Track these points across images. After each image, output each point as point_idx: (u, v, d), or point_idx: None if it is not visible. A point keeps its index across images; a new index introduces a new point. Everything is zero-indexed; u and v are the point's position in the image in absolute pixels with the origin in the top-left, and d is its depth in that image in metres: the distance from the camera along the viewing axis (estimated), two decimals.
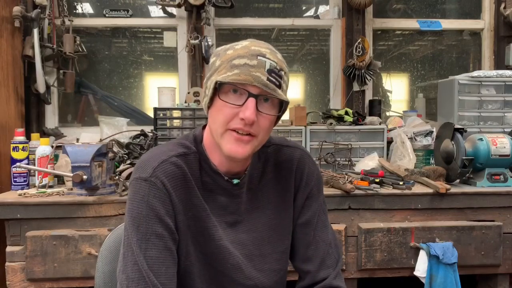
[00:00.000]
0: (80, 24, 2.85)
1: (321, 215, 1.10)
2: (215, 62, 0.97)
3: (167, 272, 0.93)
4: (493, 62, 3.06)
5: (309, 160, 1.12)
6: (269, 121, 0.96)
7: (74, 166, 1.83)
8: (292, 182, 1.09)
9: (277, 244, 1.08)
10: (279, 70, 0.94)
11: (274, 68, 0.93)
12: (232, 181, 1.02)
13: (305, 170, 1.10)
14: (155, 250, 0.92)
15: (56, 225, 1.90)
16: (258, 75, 0.91)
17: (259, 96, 0.92)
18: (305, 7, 3.20)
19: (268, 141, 1.08)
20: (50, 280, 1.88)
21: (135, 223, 0.92)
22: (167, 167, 0.96)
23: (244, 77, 0.90)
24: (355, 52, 2.84)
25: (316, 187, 1.11)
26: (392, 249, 1.99)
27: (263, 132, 0.96)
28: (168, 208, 0.95)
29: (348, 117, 2.58)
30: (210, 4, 2.70)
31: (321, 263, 1.07)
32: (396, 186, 2.08)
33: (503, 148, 2.14)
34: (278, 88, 0.93)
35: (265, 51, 0.94)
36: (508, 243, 2.07)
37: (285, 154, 1.10)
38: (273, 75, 0.93)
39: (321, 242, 1.08)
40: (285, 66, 0.97)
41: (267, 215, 1.07)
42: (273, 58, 0.94)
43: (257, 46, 0.95)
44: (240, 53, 0.93)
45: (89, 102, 2.97)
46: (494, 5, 3.05)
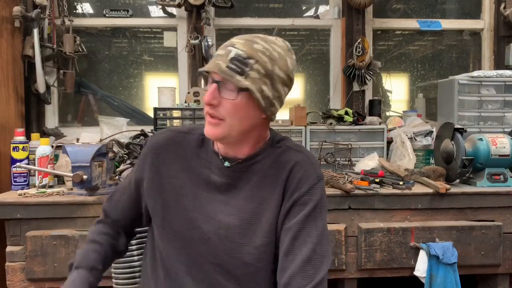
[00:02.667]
0: (80, 24, 2.85)
1: (307, 227, 1.03)
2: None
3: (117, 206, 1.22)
4: (493, 62, 3.06)
5: (310, 167, 1.08)
6: (231, 105, 1.01)
7: (74, 166, 1.83)
8: (282, 182, 1.06)
9: (252, 237, 1.05)
10: (244, 58, 0.99)
11: (238, 56, 0.99)
12: (225, 163, 1.09)
13: (299, 174, 1.07)
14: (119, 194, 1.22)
15: (56, 225, 1.90)
16: (219, 63, 0.99)
17: (221, 82, 1.00)
18: (305, 7, 3.20)
19: (282, 143, 1.13)
20: (50, 280, 1.88)
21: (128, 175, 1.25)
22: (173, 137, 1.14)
23: (209, 66, 1.01)
24: (355, 52, 2.84)
25: (308, 196, 1.05)
26: (392, 249, 1.99)
27: (230, 116, 1.01)
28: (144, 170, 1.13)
29: (348, 117, 2.58)
30: (210, 4, 2.70)
31: (291, 277, 0.99)
32: (396, 186, 2.08)
33: (503, 148, 2.14)
34: (239, 75, 0.99)
35: (238, 41, 1.02)
36: (508, 243, 2.07)
37: (288, 155, 1.10)
38: (235, 62, 0.99)
39: (299, 255, 1.00)
40: (258, 55, 1.00)
41: (250, 207, 1.07)
42: (242, 48, 1.00)
43: (237, 38, 1.04)
44: (222, 45, 1.04)
45: (89, 102, 2.97)
46: (494, 5, 3.05)
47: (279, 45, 1.06)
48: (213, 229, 1.06)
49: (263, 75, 1.00)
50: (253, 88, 0.99)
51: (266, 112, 1.04)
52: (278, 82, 1.03)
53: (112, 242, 1.20)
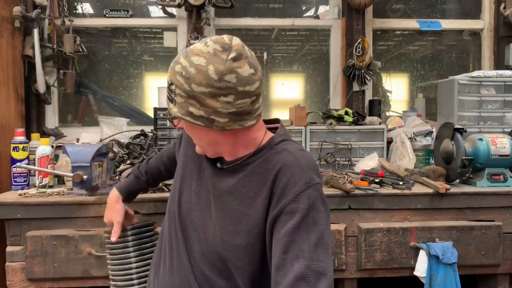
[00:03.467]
0: (80, 24, 2.85)
1: (298, 241, 0.93)
2: None
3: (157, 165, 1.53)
4: (493, 62, 3.06)
5: (298, 171, 0.98)
6: (191, 131, 1.05)
7: (74, 166, 1.83)
8: (269, 184, 1.00)
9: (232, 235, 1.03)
10: (169, 85, 0.98)
11: (167, 84, 1.00)
12: (217, 164, 1.12)
13: (285, 178, 0.98)
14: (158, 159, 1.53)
15: (56, 225, 1.90)
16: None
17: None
18: (305, 7, 3.20)
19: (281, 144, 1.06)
20: (50, 280, 1.88)
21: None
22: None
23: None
24: (355, 52, 2.84)
25: (295, 204, 0.95)
26: (392, 249, 1.99)
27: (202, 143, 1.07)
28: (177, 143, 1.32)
29: (348, 117, 2.58)
30: (210, 4, 2.70)
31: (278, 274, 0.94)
32: (396, 186, 2.08)
33: (503, 148, 2.14)
34: (171, 102, 0.99)
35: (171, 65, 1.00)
36: (508, 243, 2.07)
37: (278, 157, 1.02)
38: (168, 90, 1.00)
39: (291, 271, 0.91)
40: (176, 78, 0.95)
41: (233, 203, 1.05)
42: (168, 73, 0.98)
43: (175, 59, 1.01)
44: None
45: (89, 102, 2.97)
46: (494, 5, 3.05)
47: (204, 53, 0.94)
48: (204, 217, 1.10)
49: (185, 97, 0.95)
50: (179, 114, 0.97)
51: (212, 128, 0.97)
52: (205, 98, 0.94)
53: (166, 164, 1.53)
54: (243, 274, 1.04)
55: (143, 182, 1.53)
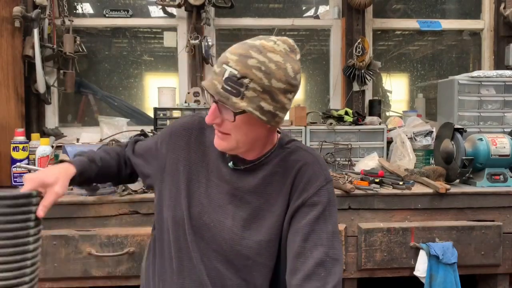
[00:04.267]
0: (80, 24, 2.85)
1: (317, 230, 1.02)
2: None
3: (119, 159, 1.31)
4: (493, 62, 3.06)
5: (318, 168, 1.08)
6: (231, 124, 1.00)
7: None
8: (290, 180, 1.07)
9: (254, 232, 1.07)
10: (239, 78, 0.94)
11: (232, 77, 0.94)
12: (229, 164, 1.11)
13: (307, 174, 1.07)
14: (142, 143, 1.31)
15: (56, 225, 1.90)
16: (215, 83, 0.97)
17: (219, 102, 0.98)
18: (305, 7, 3.20)
19: (292, 143, 1.14)
20: (50, 280, 1.88)
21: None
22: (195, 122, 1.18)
23: (207, 84, 0.99)
24: (355, 52, 2.84)
25: (317, 197, 1.05)
26: (392, 249, 1.99)
27: (234, 132, 1.02)
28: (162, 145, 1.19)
29: (348, 117, 2.58)
30: (210, 4, 2.70)
31: (304, 280, 0.98)
32: (396, 186, 2.08)
33: (503, 148, 2.14)
34: (235, 96, 0.95)
35: (232, 58, 0.96)
36: (508, 243, 2.07)
37: (297, 155, 1.10)
38: (230, 83, 0.95)
39: (310, 258, 1.00)
40: (253, 72, 0.94)
41: (256, 202, 1.09)
42: (236, 66, 0.95)
43: (231, 52, 0.98)
44: (219, 60, 1.00)
45: (89, 102, 2.97)
46: (494, 5, 3.05)
47: (278, 51, 0.98)
48: (219, 218, 1.10)
49: (260, 92, 0.96)
50: (250, 108, 0.96)
51: (270, 124, 1.01)
52: (279, 93, 0.97)
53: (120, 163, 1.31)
54: (264, 270, 1.09)
55: (94, 172, 1.22)
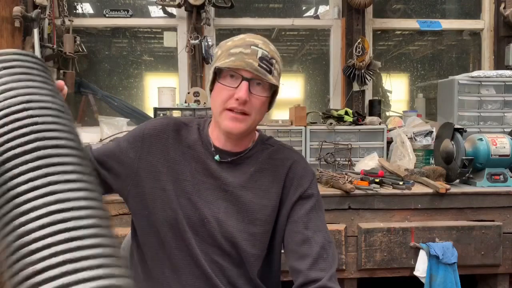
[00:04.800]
0: (80, 24, 2.85)
1: (314, 218, 1.13)
2: (217, 53, 1.12)
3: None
4: (493, 62, 3.06)
5: (306, 165, 1.21)
6: (261, 102, 1.09)
7: None
8: (282, 177, 1.16)
9: (248, 225, 1.13)
10: (270, 58, 1.08)
11: (265, 56, 1.07)
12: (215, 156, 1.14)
13: (299, 171, 1.18)
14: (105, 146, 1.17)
15: None
16: (250, 62, 1.05)
17: (252, 80, 1.05)
18: (305, 7, 3.20)
19: (272, 141, 1.22)
20: None
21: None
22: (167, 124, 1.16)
23: (239, 63, 1.04)
24: (355, 52, 2.84)
25: (311, 190, 1.17)
26: (392, 249, 1.99)
27: (255, 111, 1.09)
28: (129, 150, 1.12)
29: (348, 117, 2.58)
30: (210, 4, 2.70)
31: (313, 263, 1.08)
32: (396, 186, 2.08)
33: (503, 148, 2.14)
34: (269, 74, 1.07)
35: (258, 41, 1.10)
36: (508, 243, 2.07)
37: (284, 153, 1.20)
38: (264, 62, 1.07)
39: (314, 243, 1.10)
40: (277, 56, 1.12)
41: (247, 196, 1.13)
42: (265, 48, 1.09)
43: (252, 38, 1.11)
44: (237, 44, 1.08)
45: (89, 102, 2.96)
46: (494, 5, 3.05)
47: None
48: (212, 213, 1.12)
49: (279, 73, 1.13)
50: (279, 86, 1.12)
51: (271, 107, 1.15)
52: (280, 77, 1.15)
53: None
54: (257, 261, 1.14)
55: None
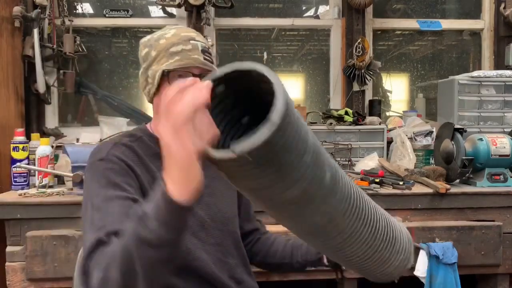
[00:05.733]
0: (80, 24, 2.85)
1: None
2: (150, 53, 1.08)
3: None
4: (493, 62, 3.06)
5: None
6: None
7: (74, 166, 1.83)
8: None
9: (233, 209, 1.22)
10: (208, 48, 1.10)
11: (205, 48, 1.08)
12: None
13: None
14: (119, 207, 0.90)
15: (56, 225, 1.90)
16: (196, 57, 1.05)
17: (201, 75, 1.04)
18: (305, 7, 3.20)
19: None
20: (50, 280, 1.88)
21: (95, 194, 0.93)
22: (120, 148, 1.04)
23: (187, 61, 1.04)
24: (355, 52, 2.84)
25: None
26: None
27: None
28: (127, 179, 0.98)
29: (348, 117, 2.58)
30: (210, 4, 2.70)
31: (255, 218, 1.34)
32: (396, 186, 2.08)
33: (503, 148, 2.14)
34: (213, 64, 1.09)
35: (193, 35, 1.09)
36: (508, 243, 2.07)
37: None
38: (206, 54, 1.08)
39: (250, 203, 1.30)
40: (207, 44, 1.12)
41: (223, 185, 1.18)
42: (201, 39, 1.10)
43: (185, 32, 1.10)
44: (174, 41, 1.06)
45: (89, 102, 2.96)
46: (494, 5, 3.05)
47: None
48: (208, 213, 1.13)
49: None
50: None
51: None
52: None
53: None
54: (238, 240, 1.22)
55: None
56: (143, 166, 1.04)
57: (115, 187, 0.94)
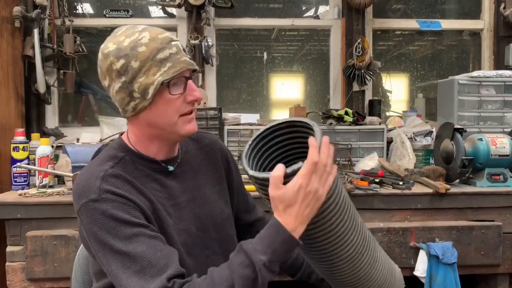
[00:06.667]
0: (80, 24, 2.85)
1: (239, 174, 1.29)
2: (130, 64, 0.98)
3: (163, 254, 0.92)
4: (493, 62, 3.06)
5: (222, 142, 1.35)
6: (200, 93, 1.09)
7: (74, 166, 1.83)
8: (219, 159, 1.22)
9: (224, 212, 1.18)
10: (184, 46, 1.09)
11: (183, 46, 1.04)
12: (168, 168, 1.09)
13: (224, 149, 1.27)
14: (142, 245, 0.91)
15: (56, 225, 1.90)
16: (184, 59, 1.01)
17: (192, 76, 1.04)
18: (305, 7, 3.20)
19: None
20: (50, 280, 1.88)
21: (110, 238, 0.91)
22: (109, 181, 0.97)
23: (180, 66, 1.00)
24: (355, 52, 2.84)
25: (232, 158, 1.28)
26: (392, 249, 1.99)
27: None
28: (131, 211, 0.95)
29: (348, 117, 2.58)
30: (210, 4, 2.70)
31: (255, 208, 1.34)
32: (396, 186, 2.08)
33: (502, 148, 2.14)
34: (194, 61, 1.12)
35: (168, 34, 1.03)
36: (508, 243, 2.07)
37: (206, 139, 1.24)
38: (186, 52, 1.06)
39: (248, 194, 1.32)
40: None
41: (210, 189, 1.17)
42: (176, 38, 1.05)
43: (159, 33, 1.02)
44: (157, 46, 0.98)
45: (89, 102, 2.97)
46: (494, 5, 3.05)
47: None
48: (200, 223, 1.11)
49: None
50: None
51: None
52: None
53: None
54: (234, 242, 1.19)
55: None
56: (137, 193, 1.00)
57: (127, 225, 0.93)
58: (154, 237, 0.94)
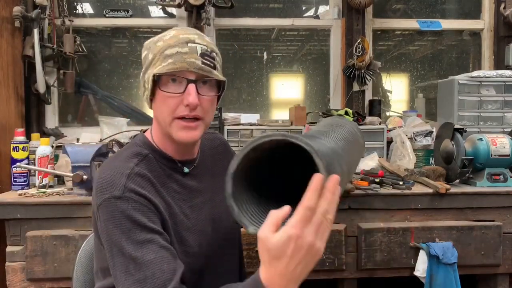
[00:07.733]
0: (80, 24, 2.85)
1: None
2: (148, 56, 1.02)
3: (169, 268, 0.91)
4: (493, 62, 3.06)
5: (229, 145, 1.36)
6: (211, 102, 1.02)
7: (74, 166, 1.83)
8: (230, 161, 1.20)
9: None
10: (210, 52, 1.00)
11: (206, 52, 0.99)
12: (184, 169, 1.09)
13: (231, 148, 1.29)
14: (152, 253, 0.90)
15: (56, 225, 1.90)
16: (192, 61, 0.96)
17: (197, 81, 0.98)
18: (305, 7, 3.20)
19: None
20: (50, 280, 1.88)
21: (123, 239, 0.91)
22: (135, 180, 0.97)
23: (180, 65, 0.96)
24: (355, 52, 2.84)
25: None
26: (392, 249, 1.99)
27: (207, 113, 1.02)
28: (150, 215, 0.95)
29: (348, 117, 2.58)
30: (210, 4, 2.70)
31: None
32: (396, 186, 2.08)
33: (503, 148, 2.14)
34: (214, 69, 1.00)
35: (193, 37, 1.00)
36: (508, 243, 2.07)
37: (216, 140, 1.26)
38: (206, 58, 0.99)
39: None
40: (215, 47, 1.03)
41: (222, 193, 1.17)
42: (203, 42, 1.00)
43: (185, 33, 1.00)
44: (170, 43, 0.98)
45: (89, 102, 2.97)
46: (494, 5, 3.05)
47: None
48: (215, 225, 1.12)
49: (221, 66, 1.06)
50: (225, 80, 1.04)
51: (218, 102, 1.10)
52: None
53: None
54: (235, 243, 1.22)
55: None
56: (158, 195, 1.00)
57: (142, 229, 0.92)
58: (164, 247, 0.93)
